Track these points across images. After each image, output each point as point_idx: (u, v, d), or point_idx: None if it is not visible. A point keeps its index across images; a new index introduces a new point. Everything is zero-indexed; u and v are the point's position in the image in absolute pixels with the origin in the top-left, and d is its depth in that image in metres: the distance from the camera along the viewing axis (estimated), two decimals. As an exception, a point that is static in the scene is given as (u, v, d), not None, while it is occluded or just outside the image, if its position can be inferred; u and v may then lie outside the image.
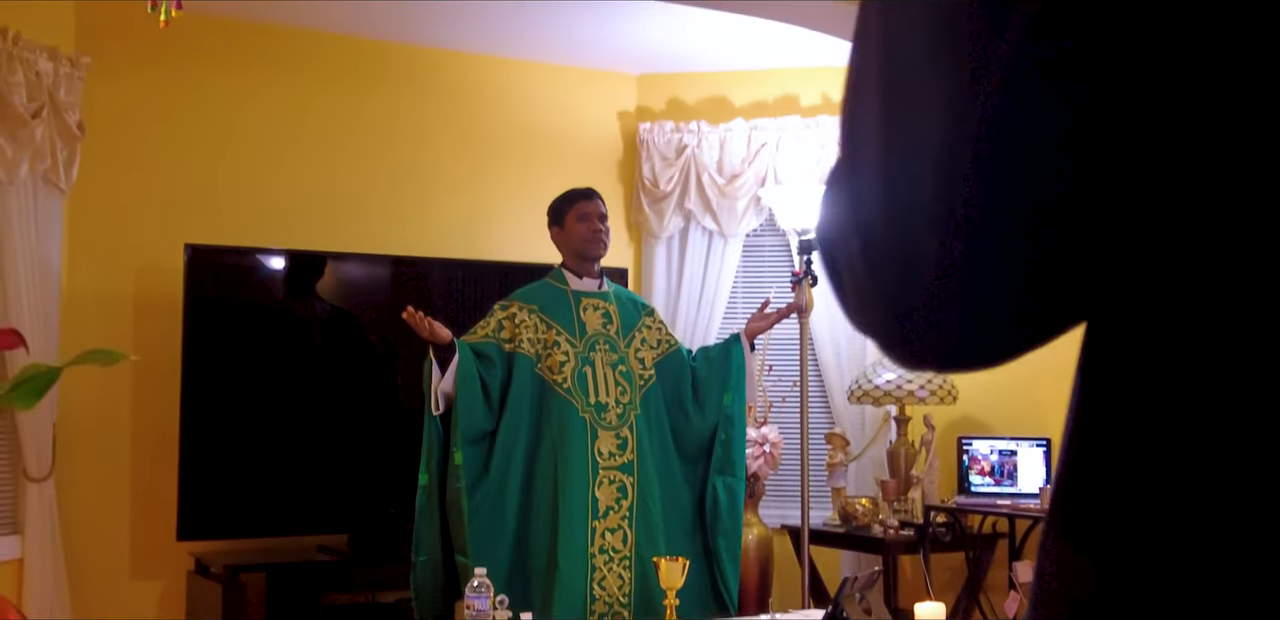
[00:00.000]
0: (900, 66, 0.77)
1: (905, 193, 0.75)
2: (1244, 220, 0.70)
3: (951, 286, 0.73)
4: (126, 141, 5.75)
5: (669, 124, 6.80)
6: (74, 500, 5.48)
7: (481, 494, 4.48)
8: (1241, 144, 0.69)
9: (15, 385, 1.08)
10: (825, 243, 0.85)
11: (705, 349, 5.10)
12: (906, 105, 0.75)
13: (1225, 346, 0.73)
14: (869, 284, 0.79)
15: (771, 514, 6.46)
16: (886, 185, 0.76)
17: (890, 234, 0.76)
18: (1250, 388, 0.72)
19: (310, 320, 5.89)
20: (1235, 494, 0.72)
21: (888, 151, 0.76)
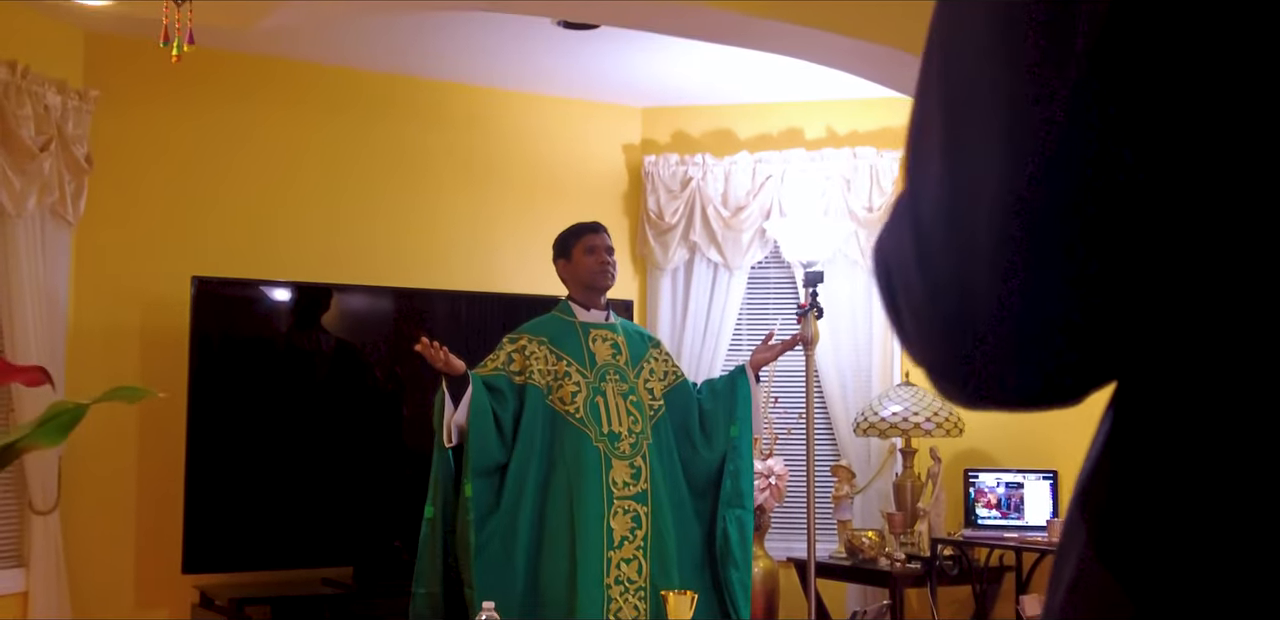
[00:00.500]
0: (960, 97, 0.77)
1: (965, 219, 0.75)
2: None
3: (1009, 318, 0.74)
4: (134, 174, 5.77)
5: (674, 157, 6.82)
6: (79, 533, 5.47)
7: (491, 527, 4.47)
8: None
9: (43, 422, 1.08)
10: (886, 270, 0.85)
11: (710, 382, 5.10)
12: (967, 131, 0.76)
13: (1274, 376, 0.73)
14: (928, 311, 0.79)
15: (777, 547, 6.44)
16: (948, 214, 0.76)
17: (948, 263, 0.76)
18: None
19: (315, 353, 5.89)
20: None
21: (949, 175, 0.77)
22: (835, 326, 6.51)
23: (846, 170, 6.69)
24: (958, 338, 0.76)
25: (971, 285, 0.75)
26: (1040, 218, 0.72)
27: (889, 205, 6.53)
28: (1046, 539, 5.56)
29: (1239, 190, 0.70)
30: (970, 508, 5.96)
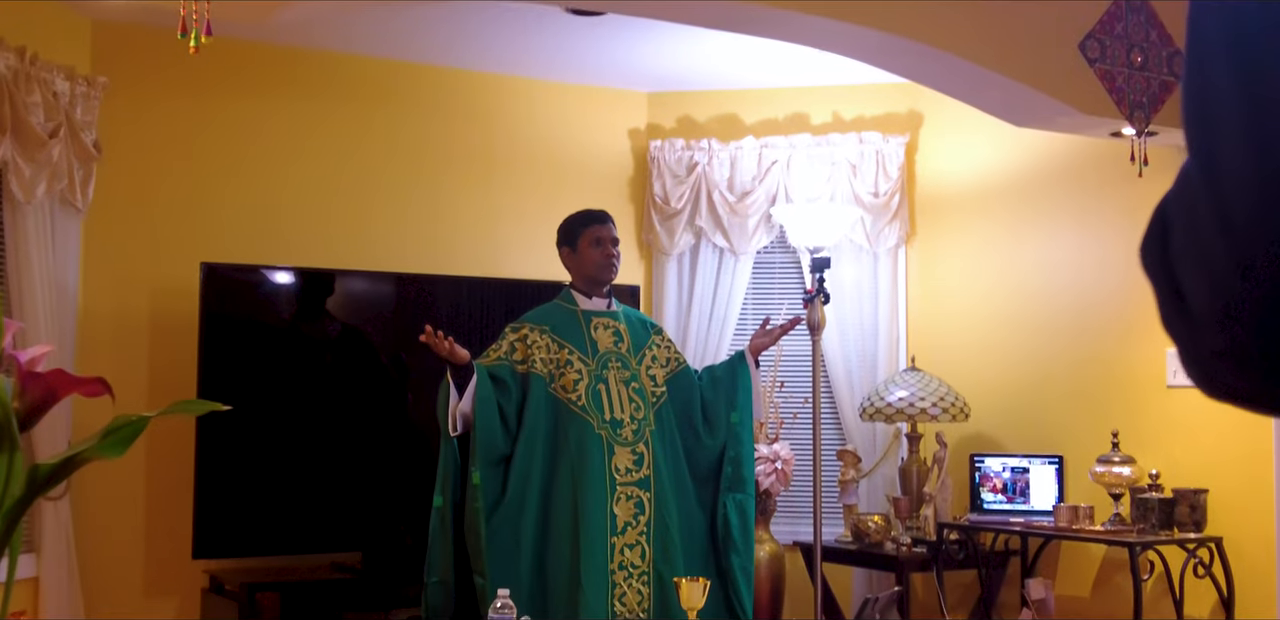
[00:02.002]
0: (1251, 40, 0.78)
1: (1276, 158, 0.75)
2: None
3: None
4: (142, 161, 5.78)
5: (680, 142, 6.83)
6: (89, 519, 5.49)
7: (500, 516, 4.50)
8: None
9: (106, 435, 1.10)
10: (1160, 249, 0.84)
11: (711, 369, 5.11)
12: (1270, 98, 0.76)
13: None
14: (1230, 271, 0.77)
15: (783, 531, 6.47)
16: (1256, 149, 0.76)
17: (1262, 211, 0.76)
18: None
19: (322, 339, 5.91)
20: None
21: (1251, 116, 0.77)
22: (841, 312, 6.53)
23: (853, 155, 6.69)
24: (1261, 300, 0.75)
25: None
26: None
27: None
28: (1052, 524, 5.58)
29: None
30: (976, 492, 5.98)
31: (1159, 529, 5.29)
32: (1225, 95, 0.78)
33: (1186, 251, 0.81)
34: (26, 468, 1.23)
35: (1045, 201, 6.09)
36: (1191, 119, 0.82)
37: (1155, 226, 0.86)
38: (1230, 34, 0.79)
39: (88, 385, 1.26)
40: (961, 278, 6.51)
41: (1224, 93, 0.79)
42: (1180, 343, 0.83)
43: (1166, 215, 0.85)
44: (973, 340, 6.40)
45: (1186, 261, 0.81)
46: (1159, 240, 0.85)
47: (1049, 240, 6.07)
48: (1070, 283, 5.94)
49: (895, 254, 6.69)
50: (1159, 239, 0.85)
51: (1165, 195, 0.85)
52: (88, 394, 1.26)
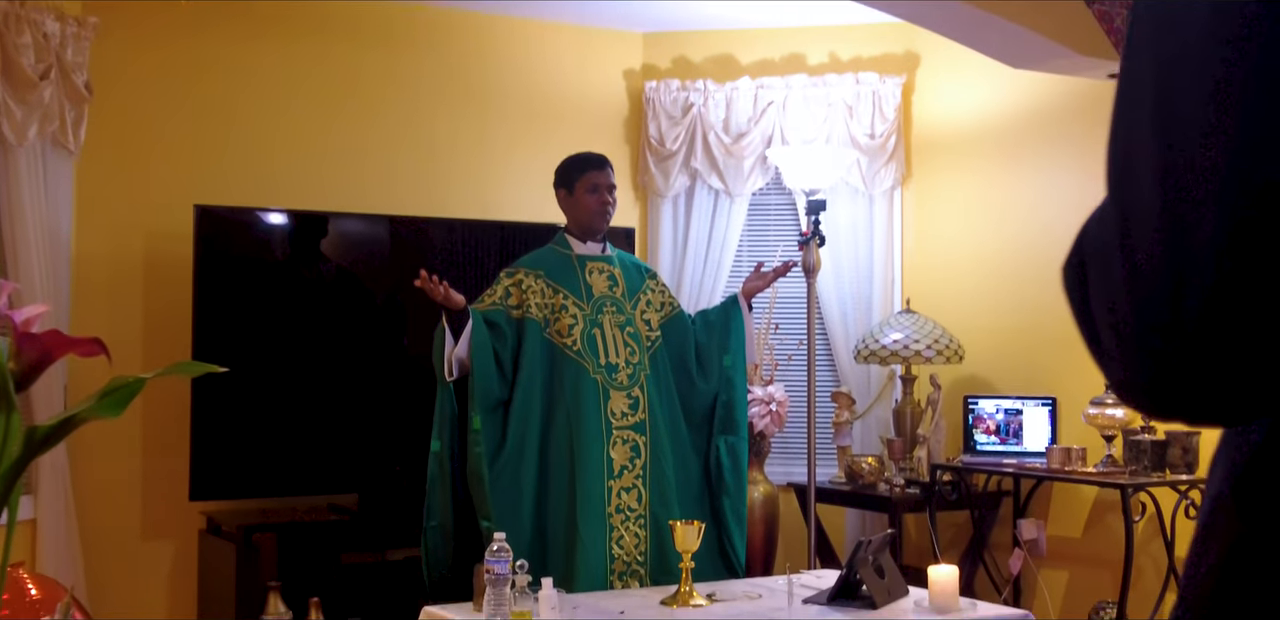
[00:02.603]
0: (1172, 92, 0.79)
1: (1181, 227, 0.77)
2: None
3: (1219, 318, 0.77)
4: (135, 102, 5.74)
5: (675, 82, 6.78)
6: (86, 461, 5.51)
7: (502, 460, 4.51)
8: None
9: (103, 395, 1.10)
10: (1080, 264, 0.88)
11: (704, 313, 5.11)
12: (1181, 135, 0.78)
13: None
14: (1134, 318, 0.81)
15: (777, 472, 6.51)
16: (1162, 219, 0.79)
17: (1161, 265, 0.79)
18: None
19: (316, 280, 5.90)
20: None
21: (1162, 182, 0.79)
22: (837, 254, 6.52)
23: (849, 96, 6.66)
24: (1160, 331, 0.79)
25: (1185, 269, 0.77)
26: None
27: (888, 133, 6.52)
28: (1044, 465, 5.61)
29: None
30: (969, 434, 6.01)
31: (1151, 471, 5.32)
32: (1143, 147, 0.81)
33: (1098, 287, 0.85)
34: (24, 428, 1.23)
35: (1042, 143, 6.07)
36: (1113, 162, 0.85)
37: (1074, 256, 0.89)
38: (1155, 88, 0.81)
39: (83, 345, 1.26)
40: (957, 220, 6.50)
41: (1143, 146, 0.81)
42: (1100, 367, 0.87)
43: (1084, 248, 0.88)
44: (968, 282, 6.40)
45: (1099, 297, 0.85)
46: (1077, 270, 0.89)
47: (1045, 182, 6.06)
48: (1066, 224, 5.90)
49: (891, 196, 6.67)
50: (1077, 269, 0.89)
51: (1087, 221, 0.87)
52: (83, 354, 1.25)
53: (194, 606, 5.75)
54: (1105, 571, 5.63)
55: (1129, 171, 0.82)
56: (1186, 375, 0.79)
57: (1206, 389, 0.80)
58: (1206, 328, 0.77)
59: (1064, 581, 5.88)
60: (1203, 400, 0.81)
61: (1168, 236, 0.78)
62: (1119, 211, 0.83)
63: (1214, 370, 0.78)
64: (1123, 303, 0.82)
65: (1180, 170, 0.77)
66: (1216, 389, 0.79)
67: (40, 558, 5.32)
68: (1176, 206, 0.77)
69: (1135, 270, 0.80)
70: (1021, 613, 4.21)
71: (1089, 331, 0.87)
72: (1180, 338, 0.78)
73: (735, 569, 4.79)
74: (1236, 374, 0.78)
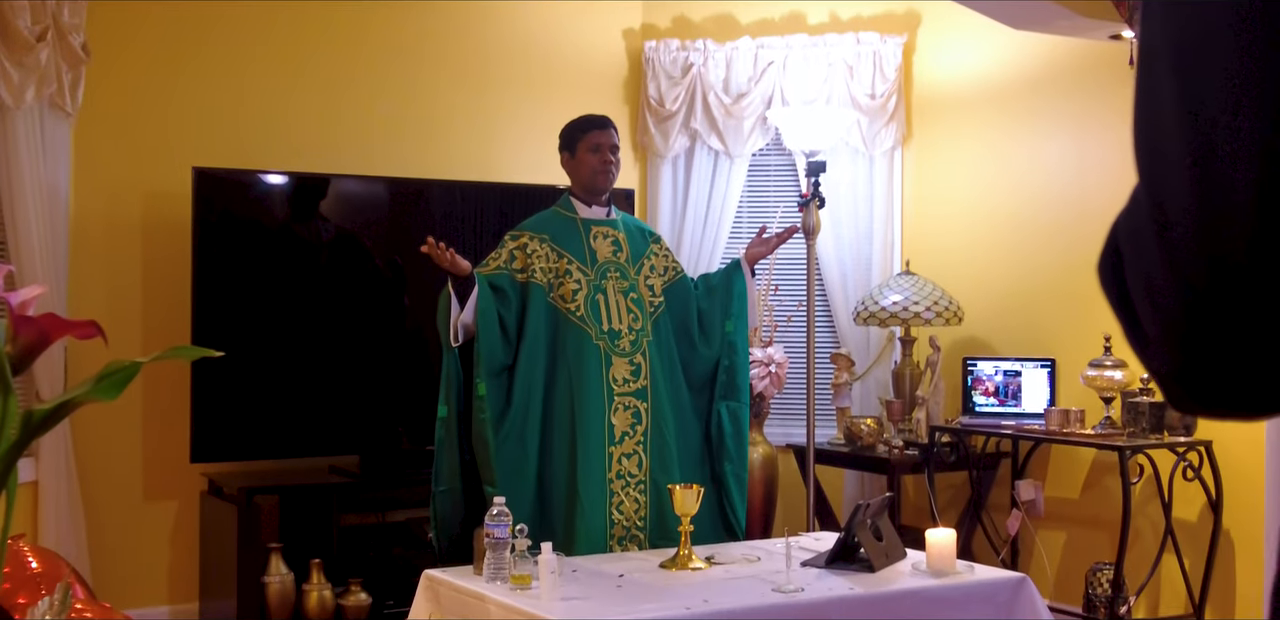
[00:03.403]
0: (1196, 65, 0.79)
1: (1217, 194, 0.77)
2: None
3: (1263, 276, 0.76)
4: (132, 64, 5.72)
5: (675, 42, 6.75)
6: (87, 423, 5.53)
7: (507, 425, 4.52)
8: None
9: (100, 379, 1.10)
10: (1114, 268, 0.87)
11: (706, 277, 5.10)
12: (1208, 105, 0.77)
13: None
14: (1174, 296, 0.80)
15: (776, 433, 6.53)
16: (1197, 189, 0.78)
17: (1200, 234, 0.78)
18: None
19: (316, 242, 5.89)
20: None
21: (1193, 154, 0.78)
22: (836, 216, 6.51)
23: (850, 56, 6.62)
24: (1208, 319, 0.78)
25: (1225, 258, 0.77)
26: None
27: (888, 94, 6.49)
28: (1043, 427, 5.63)
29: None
30: (968, 395, 6.02)
31: (1149, 433, 5.34)
32: (1172, 133, 0.80)
33: (1135, 275, 0.84)
34: (21, 410, 1.23)
35: (1042, 105, 6.04)
36: (1141, 147, 0.83)
37: (1109, 248, 0.87)
38: (1175, 61, 0.80)
39: (80, 328, 1.25)
40: (957, 181, 6.48)
41: (1171, 130, 0.80)
42: (1141, 362, 0.85)
43: (1118, 238, 0.86)
44: (967, 244, 6.40)
45: (1137, 285, 0.83)
46: (1112, 262, 0.87)
47: (1045, 144, 6.04)
48: (1066, 187, 5.92)
49: (891, 157, 6.65)
50: (1112, 260, 0.87)
51: (1119, 216, 0.86)
52: (80, 336, 1.25)
53: (195, 567, 5.78)
54: (1103, 533, 5.65)
55: (1157, 148, 0.81)
56: (1233, 348, 0.78)
57: (1254, 363, 0.78)
58: (1252, 287, 0.76)
59: (1061, 542, 5.91)
60: (1250, 379, 0.79)
61: (1202, 205, 0.77)
62: (1150, 192, 0.82)
63: (1263, 335, 0.77)
64: (1162, 282, 0.80)
65: (1210, 137, 0.77)
66: (1265, 361, 0.78)
67: (42, 520, 5.35)
68: (1210, 173, 0.77)
69: (1172, 246, 0.79)
70: (1018, 575, 4.23)
71: (1129, 324, 0.85)
72: (1226, 303, 0.77)
73: (736, 533, 4.80)
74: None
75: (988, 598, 4.11)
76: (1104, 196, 5.68)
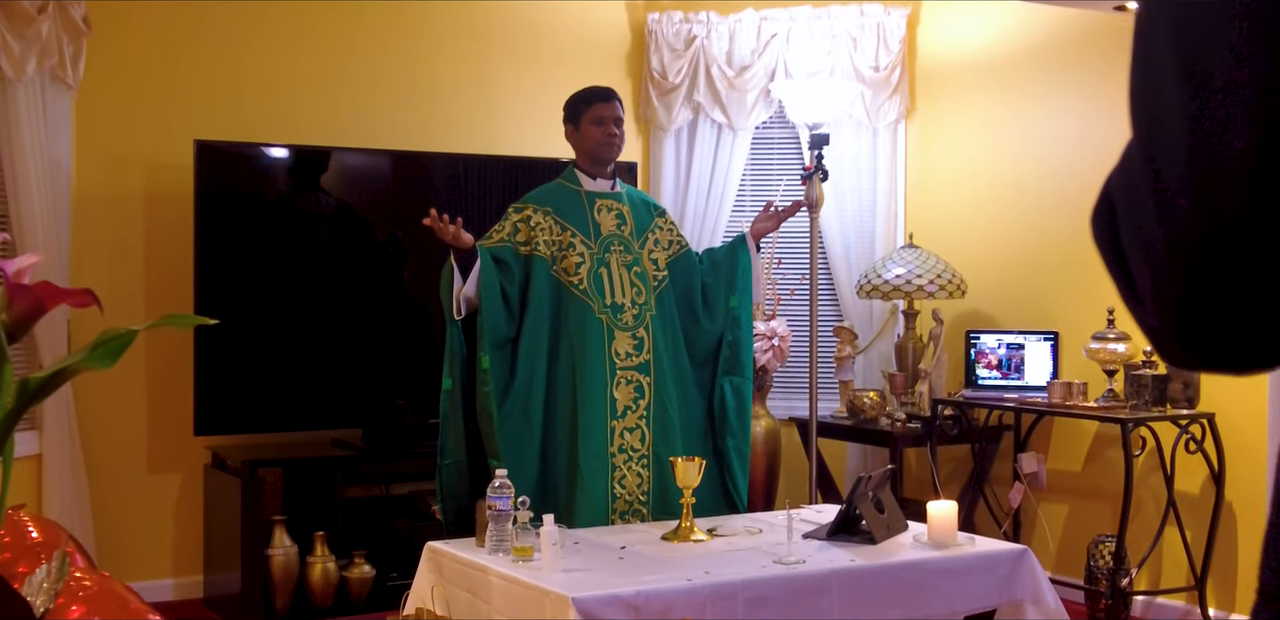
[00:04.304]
0: (1195, 33, 0.79)
1: (1211, 158, 0.77)
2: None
3: (1260, 250, 0.76)
4: (132, 36, 5.70)
5: (678, 14, 6.73)
6: (90, 395, 5.54)
7: (510, 399, 4.52)
8: None
9: (95, 347, 1.10)
10: (1109, 228, 0.87)
11: (711, 252, 5.09)
12: (1206, 71, 0.78)
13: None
14: (1170, 257, 0.81)
15: (779, 406, 6.53)
16: (1192, 153, 0.78)
17: (1197, 197, 0.78)
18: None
19: (318, 215, 5.89)
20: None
21: (1190, 119, 0.79)
22: (840, 189, 6.50)
23: (853, 28, 6.60)
24: (1202, 274, 0.79)
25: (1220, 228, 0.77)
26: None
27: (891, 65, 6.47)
28: (1046, 400, 5.62)
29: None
30: (971, 368, 6.02)
31: (1152, 405, 5.34)
32: (1169, 100, 0.80)
33: (1129, 232, 0.84)
34: (16, 379, 1.23)
35: (1046, 77, 6.02)
36: (1137, 112, 0.85)
37: (1102, 204, 0.88)
38: (1175, 25, 0.81)
39: (75, 296, 1.25)
40: (961, 154, 6.47)
41: (1169, 96, 0.80)
42: (1134, 317, 0.86)
43: (1112, 194, 0.87)
44: (971, 217, 6.38)
45: (1130, 242, 0.84)
46: (1106, 219, 0.87)
47: (1049, 116, 6.02)
48: (1070, 159, 5.90)
49: (895, 129, 6.64)
50: (1106, 217, 0.87)
51: (1112, 172, 0.86)
52: (76, 304, 1.25)
53: (200, 540, 5.80)
54: (1105, 505, 5.66)
55: (1154, 115, 0.82)
56: (1227, 299, 0.78)
57: (1250, 315, 0.78)
58: (1246, 234, 0.76)
59: (1063, 515, 5.92)
60: (1245, 331, 0.79)
61: (1196, 158, 0.77)
62: (1145, 147, 0.83)
63: (1257, 287, 0.77)
64: (1155, 231, 0.81)
65: (1206, 104, 0.77)
66: (1261, 313, 0.78)
67: (46, 492, 5.36)
68: (1205, 140, 0.77)
69: (1167, 193, 0.79)
70: (1019, 547, 4.23)
71: (1123, 280, 0.86)
72: (1220, 248, 0.77)
73: (738, 507, 4.81)
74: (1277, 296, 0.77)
75: (989, 570, 4.12)
76: (1107, 169, 5.64)
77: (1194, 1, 0.79)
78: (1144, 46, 0.83)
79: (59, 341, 5.30)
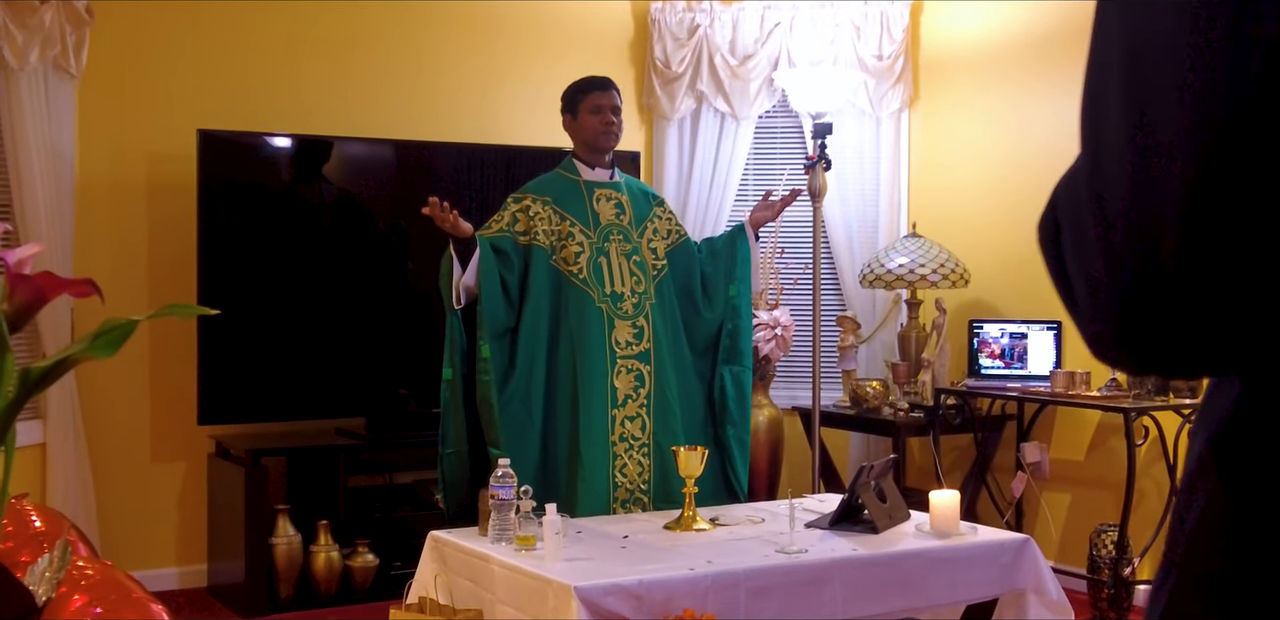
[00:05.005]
0: (1144, 66, 0.81)
1: (1152, 190, 0.79)
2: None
3: (1191, 279, 0.78)
4: (135, 25, 5.70)
5: (680, 3, 6.72)
6: (94, 384, 5.54)
7: (510, 387, 4.53)
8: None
9: (97, 336, 1.11)
10: (1054, 235, 0.89)
11: (710, 241, 5.09)
12: (1152, 104, 0.79)
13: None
14: (1108, 277, 0.82)
15: (782, 396, 6.53)
16: (1134, 183, 0.80)
17: (1135, 226, 0.80)
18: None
19: (321, 205, 5.89)
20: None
21: (1135, 150, 0.80)
22: (843, 178, 6.50)
23: (856, 17, 6.59)
24: (1143, 287, 0.80)
25: (1159, 237, 0.78)
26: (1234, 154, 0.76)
27: (893, 55, 6.46)
28: (1048, 389, 5.62)
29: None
30: (974, 358, 6.02)
31: (1154, 395, 5.34)
32: (1113, 104, 0.83)
33: (1071, 248, 0.86)
34: (18, 369, 1.24)
35: (1050, 66, 6.01)
36: (1085, 120, 0.87)
37: (1049, 211, 0.90)
38: (1125, 44, 0.83)
39: (77, 286, 1.25)
40: (963, 143, 6.46)
41: (1112, 102, 0.83)
42: (1074, 322, 0.88)
43: (1058, 202, 0.89)
44: (974, 206, 6.38)
45: (1071, 251, 0.86)
46: (1051, 227, 0.89)
47: (1052, 105, 6.01)
48: (1072, 148, 5.82)
49: (898, 118, 6.63)
50: (1051, 225, 0.90)
51: (1058, 185, 0.89)
52: (77, 294, 1.25)
53: (203, 529, 5.81)
54: (1107, 494, 5.66)
55: (1098, 122, 0.85)
56: (1160, 320, 0.80)
57: (1181, 334, 0.80)
58: (1179, 265, 0.77)
59: (1066, 504, 5.92)
60: (1178, 347, 0.81)
61: (1139, 178, 0.79)
62: (1090, 162, 0.85)
63: (1188, 312, 0.79)
64: (1095, 251, 0.82)
65: (1150, 116, 0.79)
66: (1192, 333, 0.80)
67: (50, 482, 5.37)
68: (1147, 148, 0.78)
69: (1107, 218, 0.81)
70: (1021, 536, 4.24)
71: (1063, 287, 0.87)
72: (1153, 277, 0.79)
73: (738, 496, 4.82)
74: (1211, 315, 0.79)
75: (991, 559, 4.13)
76: (1111, 158, 5.65)
77: (1142, 40, 0.81)
78: (1096, 53, 0.85)
79: (62, 331, 5.30)
